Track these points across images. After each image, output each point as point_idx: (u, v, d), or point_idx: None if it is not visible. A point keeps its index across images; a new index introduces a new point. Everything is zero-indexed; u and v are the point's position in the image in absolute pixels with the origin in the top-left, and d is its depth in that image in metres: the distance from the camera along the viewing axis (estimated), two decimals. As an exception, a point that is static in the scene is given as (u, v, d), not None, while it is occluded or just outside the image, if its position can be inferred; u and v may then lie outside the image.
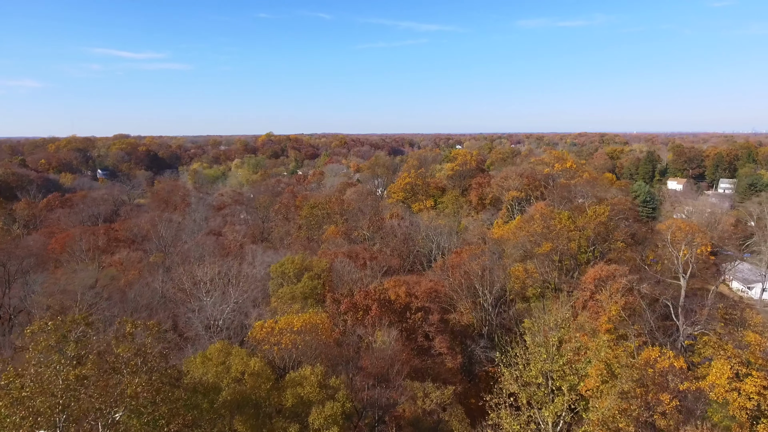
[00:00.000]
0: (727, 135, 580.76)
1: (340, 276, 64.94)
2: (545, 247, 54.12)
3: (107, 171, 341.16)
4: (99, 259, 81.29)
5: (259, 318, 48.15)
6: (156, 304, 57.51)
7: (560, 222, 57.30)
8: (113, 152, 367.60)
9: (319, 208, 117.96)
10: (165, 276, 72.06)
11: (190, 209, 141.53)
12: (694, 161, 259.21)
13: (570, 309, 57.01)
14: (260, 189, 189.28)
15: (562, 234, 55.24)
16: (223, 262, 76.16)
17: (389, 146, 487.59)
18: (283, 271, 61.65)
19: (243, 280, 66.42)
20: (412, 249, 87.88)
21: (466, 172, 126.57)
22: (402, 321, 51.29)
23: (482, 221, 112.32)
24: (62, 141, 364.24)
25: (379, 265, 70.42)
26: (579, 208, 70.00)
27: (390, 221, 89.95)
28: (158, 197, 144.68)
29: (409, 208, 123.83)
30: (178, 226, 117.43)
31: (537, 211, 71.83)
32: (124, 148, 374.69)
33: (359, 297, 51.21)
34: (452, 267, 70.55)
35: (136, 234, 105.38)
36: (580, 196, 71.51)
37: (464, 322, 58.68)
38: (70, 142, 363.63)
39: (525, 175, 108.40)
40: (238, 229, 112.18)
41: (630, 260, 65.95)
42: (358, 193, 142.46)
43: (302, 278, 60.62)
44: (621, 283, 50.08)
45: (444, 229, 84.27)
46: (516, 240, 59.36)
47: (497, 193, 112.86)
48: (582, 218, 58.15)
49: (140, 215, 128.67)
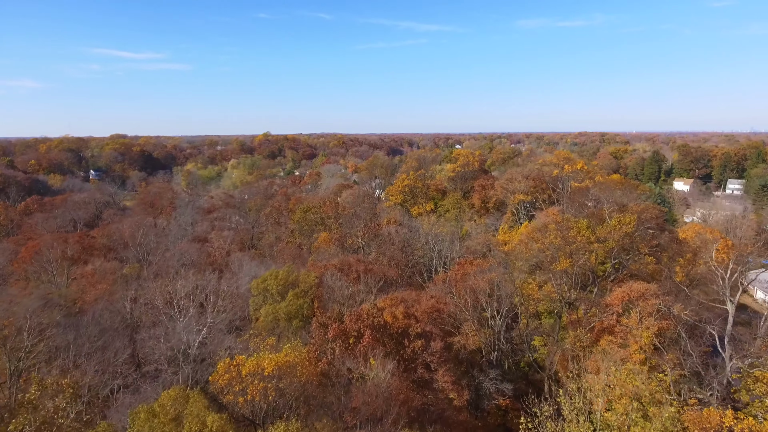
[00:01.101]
0: (727, 134, 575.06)
1: (330, 291, 57.89)
2: (563, 263, 47.23)
3: (100, 172, 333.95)
4: (68, 270, 74.18)
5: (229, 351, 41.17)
6: (119, 327, 50.46)
7: (579, 232, 50.38)
8: (106, 152, 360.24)
9: (313, 212, 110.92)
10: (138, 290, 64.98)
11: (177, 213, 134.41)
12: (700, 161, 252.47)
13: (590, 333, 50.08)
14: (253, 191, 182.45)
15: (582, 247, 48.29)
16: (203, 274, 69.23)
17: (388, 146, 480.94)
18: (266, 287, 54.62)
19: (223, 296, 59.42)
20: (411, 258, 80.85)
21: (468, 173, 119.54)
22: (399, 349, 44.29)
23: (486, 226, 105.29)
24: (54, 141, 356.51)
25: (374, 279, 63.36)
26: (596, 215, 62.97)
27: (387, 228, 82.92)
28: (144, 200, 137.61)
29: (407, 212, 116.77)
30: (163, 231, 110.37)
31: (550, 218, 64.81)
32: (118, 148, 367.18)
33: (350, 321, 44.20)
34: (456, 281, 63.57)
35: (116, 241, 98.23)
36: (597, 201, 64.60)
37: (470, 346, 51.69)
38: (61, 142, 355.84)
39: (531, 177, 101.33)
40: (226, 235, 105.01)
41: (655, 274, 58.97)
42: (355, 195, 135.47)
43: (287, 296, 53.59)
44: (653, 304, 43.13)
45: (446, 237, 77.19)
46: (528, 253, 52.32)
47: (501, 195, 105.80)
48: (603, 228, 51.17)
49: (124, 220, 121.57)
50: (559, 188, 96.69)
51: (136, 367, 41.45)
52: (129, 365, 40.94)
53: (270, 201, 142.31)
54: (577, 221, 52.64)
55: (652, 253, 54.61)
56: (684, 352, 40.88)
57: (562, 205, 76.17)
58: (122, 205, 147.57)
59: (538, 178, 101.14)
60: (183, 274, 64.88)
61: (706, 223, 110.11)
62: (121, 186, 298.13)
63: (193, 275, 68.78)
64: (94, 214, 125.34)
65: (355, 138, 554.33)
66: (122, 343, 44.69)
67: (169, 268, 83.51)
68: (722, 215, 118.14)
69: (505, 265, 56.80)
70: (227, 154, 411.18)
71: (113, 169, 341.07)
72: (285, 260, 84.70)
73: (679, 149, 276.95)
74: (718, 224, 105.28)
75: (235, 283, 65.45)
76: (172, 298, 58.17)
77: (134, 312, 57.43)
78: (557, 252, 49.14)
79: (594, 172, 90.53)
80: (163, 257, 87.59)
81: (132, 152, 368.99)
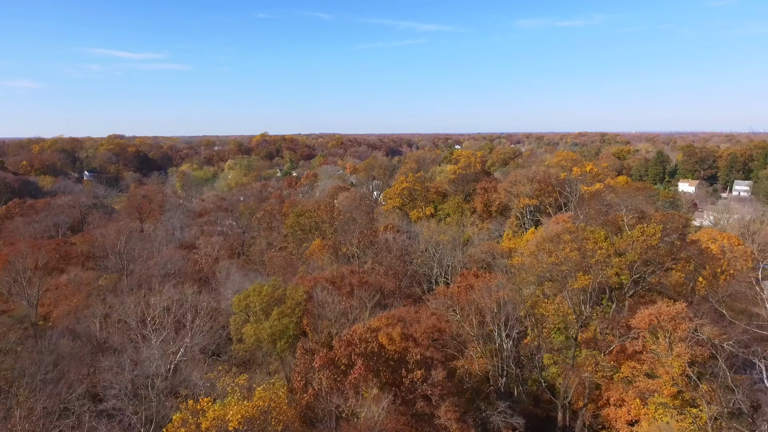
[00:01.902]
0: (727, 134, 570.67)
1: (321, 307, 52.42)
2: (582, 281, 41.84)
3: (94, 173, 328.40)
4: (41, 281, 68.61)
5: (194, 392, 35.69)
6: (82, 352, 44.91)
7: (596, 244, 45.02)
8: (101, 153, 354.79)
9: (306, 217, 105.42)
10: (111, 305, 59.48)
11: (166, 217, 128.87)
12: (705, 162, 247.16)
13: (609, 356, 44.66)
14: (248, 193, 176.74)
15: (602, 261, 42.89)
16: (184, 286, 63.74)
17: (387, 146, 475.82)
18: (248, 304, 49.18)
19: (202, 314, 54.00)
20: (410, 267, 75.42)
21: (470, 175, 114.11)
22: (396, 379, 38.89)
23: (489, 232, 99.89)
24: (47, 142, 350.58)
25: (369, 293, 57.92)
26: (613, 223, 57.54)
27: (384, 234, 77.46)
28: (132, 203, 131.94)
29: (406, 216, 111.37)
30: (148, 237, 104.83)
31: (561, 226, 59.39)
32: (113, 149, 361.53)
33: (339, 348, 38.79)
34: (459, 294, 58.14)
35: (98, 248, 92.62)
36: (610, 206, 59.19)
37: (475, 370, 46.25)
38: (55, 142, 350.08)
39: (537, 180, 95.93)
40: (215, 241, 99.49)
41: (679, 287, 53.59)
42: (352, 198, 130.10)
43: (272, 314, 48.14)
44: (685, 328, 37.74)
45: (447, 245, 71.70)
46: (540, 268, 46.86)
47: (505, 199, 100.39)
48: (623, 239, 45.77)
49: (109, 224, 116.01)
50: (566, 192, 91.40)
51: (93, 402, 36.05)
52: (85, 400, 35.53)
53: (263, 204, 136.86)
54: (593, 231, 47.27)
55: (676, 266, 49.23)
56: (724, 386, 35.47)
57: (574, 211, 70.74)
58: (111, 208, 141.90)
59: (544, 181, 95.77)
60: (159, 287, 59.39)
61: (720, 227, 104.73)
62: (116, 187, 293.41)
63: (174, 287, 63.47)
64: (79, 218, 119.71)
65: (353, 138, 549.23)
66: (80, 373, 39.24)
67: (151, 277, 78.03)
68: (735, 219, 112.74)
69: (512, 279, 51.27)
70: (224, 154, 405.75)
71: (108, 170, 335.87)
72: (275, 270, 79.28)
73: (683, 150, 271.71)
74: (734, 229, 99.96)
75: (217, 297, 60.01)
76: (145, 316, 52.78)
77: (103, 331, 51.95)
78: (573, 267, 43.71)
79: (604, 175, 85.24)
80: (146, 266, 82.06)
81: (127, 153, 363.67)
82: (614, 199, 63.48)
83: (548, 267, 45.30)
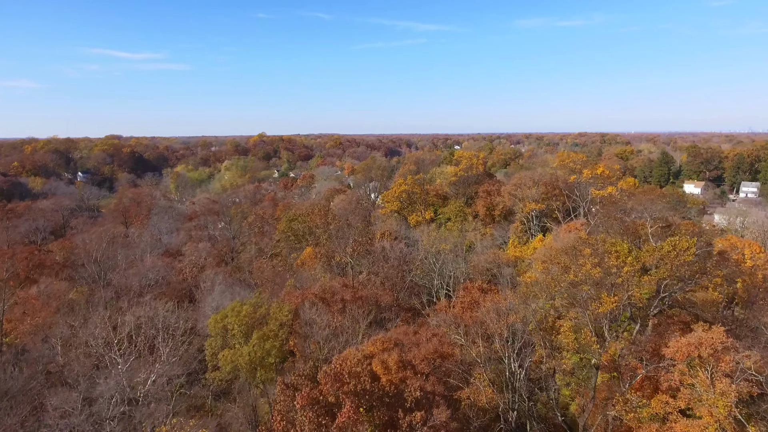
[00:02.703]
0: (727, 135, 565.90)
1: (309, 327, 46.86)
2: (607, 304, 36.28)
3: (88, 174, 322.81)
4: (4, 294, 62.90)
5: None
6: (33, 384, 39.22)
7: (620, 259, 39.48)
8: (95, 154, 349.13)
9: (299, 221, 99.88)
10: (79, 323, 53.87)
11: (154, 220, 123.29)
12: (711, 163, 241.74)
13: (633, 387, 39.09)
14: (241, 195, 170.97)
15: (628, 279, 37.32)
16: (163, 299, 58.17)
17: (386, 147, 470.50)
18: (226, 325, 43.56)
19: (176, 336, 48.44)
20: (408, 277, 69.86)
21: (472, 177, 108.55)
22: (392, 420, 33.33)
23: (493, 238, 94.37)
24: (39, 142, 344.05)
25: (364, 309, 52.40)
26: (632, 232, 52.03)
27: (381, 242, 71.84)
28: (118, 207, 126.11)
29: (404, 221, 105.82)
30: (132, 243, 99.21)
31: (575, 236, 53.82)
32: (107, 149, 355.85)
33: (326, 383, 33.25)
34: (462, 312, 52.65)
35: (78, 255, 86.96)
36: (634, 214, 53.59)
37: (482, 403, 40.67)
38: (48, 143, 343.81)
39: (542, 183, 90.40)
40: (202, 247, 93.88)
41: (708, 303, 48.04)
42: (348, 201, 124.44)
43: (252, 337, 42.54)
44: (729, 360, 32.21)
45: (448, 255, 66.05)
46: (556, 288, 41.24)
47: (509, 203, 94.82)
48: (649, 253, 40.19)
49: (93, 228, 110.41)
50: (575, 195, 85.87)
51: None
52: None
53: (255, 207, 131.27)
54: (615, 243, 41.74)
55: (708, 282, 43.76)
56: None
57: (584, 217, 65.11)
58: (97, 211, 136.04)
59: (551, 184, 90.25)
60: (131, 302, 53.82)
61: (735, 232, 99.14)
62: (110, 189, 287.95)
63: (151, 301, 57.89)
64: (61, 222, 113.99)
65: (352, 139, 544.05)
66: (21, 413, 33.61)
67: (129, 288, 72.53)
68: (751, 222, 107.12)
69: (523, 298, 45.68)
70: (221, 155, 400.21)
71: (102, 171, 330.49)
72: (264, 280, 73.67)
73: (687, 150, 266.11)
74: (752, 234, 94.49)
75: (197, 313, 54.42)
76: (111, 338, 47.19)
77: (65, 356, 46.32)
78: (594, 286, 38.12)
79: (615, 177, 79.70)
80: (125, 275, 76.40)
81: (122, 153, 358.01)
82: (632, 204, 57.77)
83: (566, 286, 39.71)
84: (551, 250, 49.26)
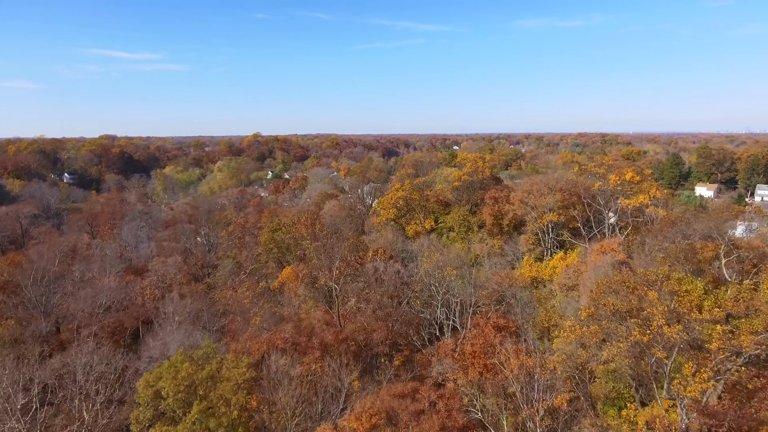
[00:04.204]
0: (728, 135, 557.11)
1: (274, 388, 35.56)
2: (700, 382, 25.16)
3: (75, 175, 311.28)
4: None
5: None
6: None
7: (691, 300, 28.48)
8: (82, 154, 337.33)
9: (284, 232, 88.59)
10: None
11: (127, 228, 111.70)
12: (723, 164, 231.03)
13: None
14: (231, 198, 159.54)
15: (722, 340, 26.30)
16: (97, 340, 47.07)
17: (384, 147, 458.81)
18: (158, 391, 32.22)
19: (100, 400, 37.12)
20: (405, 303, 58.57)
21: (477, 182, 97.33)
22: None
23: (502, 251, 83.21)
24: (23, 143, 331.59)
25: (349, 354, 41.20)
26: (687, 258, 40.91)
27: (373, 262, 60.57)
28: (87, 214, 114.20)
29: (402, 230, 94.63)
30: (94, 256, 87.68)
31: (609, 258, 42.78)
32: (95, 149, 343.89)
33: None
34: (474, 358, 41.55)
35: (26, 272, 75.44)
36: (680, 234, 42.65)
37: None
38: (33, 143, 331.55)
39: (559, 189, 79.20)
40: (172, 262, 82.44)
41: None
42: (340, 207, 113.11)
43: (192, 409, 31.23)
44: None
45: (455, 281, 54.63)
46: (616, 349, 29.94)
47: (520, 211, 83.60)
48: (735, 298, 29.09)
49: (57, 239, 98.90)
50: (597, 205, 74.64)
51: None
52: None
53: (239, 214, 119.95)
54: (681, 279, 30.73)
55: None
56: None
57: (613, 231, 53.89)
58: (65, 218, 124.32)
59: (568, 190, 79.10)
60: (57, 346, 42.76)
61: None
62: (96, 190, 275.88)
63: (85, 340, 46.80)
64: (20, 231, 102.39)
65: (349, 139, 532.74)
66: None
67: (74, 317, 61.18)
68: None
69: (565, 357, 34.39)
70: (214, 155, 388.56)
71: (89, 172, 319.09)
72: (236, 306, 62.17)
73: (697, 151, 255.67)
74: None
75: (139, 358, 43.12)
76: (15, 402, 35.86)
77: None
78: (672, 349, 26.98)
79: (650, 185, 68.54)
80: (73, 299, 64.97)
81: (110, 154, 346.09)
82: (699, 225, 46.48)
83: (626, 346, 28.54)
84: (593, 286, 38.01)
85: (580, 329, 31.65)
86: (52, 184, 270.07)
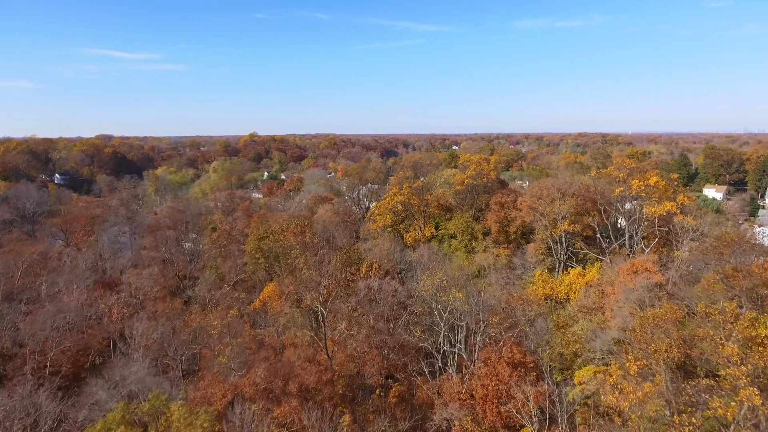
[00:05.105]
0: (728, 135, 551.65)
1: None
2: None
3: (66, 176, 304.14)
4: None
5: None
6: None
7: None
8: (74, 154, 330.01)
9: (272, 240, 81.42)
10: None
11: (105, 235, 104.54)
12: (731, 165, 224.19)
13: None
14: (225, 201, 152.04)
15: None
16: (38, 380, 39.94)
17: (382, 147, 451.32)
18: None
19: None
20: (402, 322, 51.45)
21: (481, 186, 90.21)
22: None
23: (509, 261, 76.18)
24: (12, 143, 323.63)
25: (335, 398, 34.01)
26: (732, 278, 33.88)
27: (367, 280, 53.37)
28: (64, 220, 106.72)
29: (400, 238, 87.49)
30: (63, 267, 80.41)
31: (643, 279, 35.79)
32: (87, 149, 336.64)
33: None
34: (484, 404, 34.49)
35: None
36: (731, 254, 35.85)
37: None
38: (23, 143, 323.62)
39: (571, 194, 72.08)
40: (148, 273, 75.23)
41: None
42: (334, 212, 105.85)
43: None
44: None
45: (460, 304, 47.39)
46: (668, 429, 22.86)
47: (528, 218, 76.49)
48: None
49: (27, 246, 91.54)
50: (616, 213, 67.56)
51: None
52: None
53: (227, 219, 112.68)
54: (758, 321, 23.76)
55: None
56: None
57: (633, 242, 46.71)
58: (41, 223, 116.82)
59: (583, 196, 72.00)
60: None
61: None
62: (87, 191, 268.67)
63: (27, 377, 39.73)
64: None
65: (347, 139, 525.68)
66: None
67: (25, 344, 53.91)
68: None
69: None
70: (209, 156, 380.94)
71: (81, 173, 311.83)
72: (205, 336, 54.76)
73: (704, 151, 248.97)
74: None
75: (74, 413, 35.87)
76: None
77: None
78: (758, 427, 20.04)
79: (677, 190, 61.59)
80: (32, 320, 57.69)
81: (103, 154, 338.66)
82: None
83: (701, 420, 21.47)
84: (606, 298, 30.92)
85: (630, 388, 24.29)
86: (41, 185, 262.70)
